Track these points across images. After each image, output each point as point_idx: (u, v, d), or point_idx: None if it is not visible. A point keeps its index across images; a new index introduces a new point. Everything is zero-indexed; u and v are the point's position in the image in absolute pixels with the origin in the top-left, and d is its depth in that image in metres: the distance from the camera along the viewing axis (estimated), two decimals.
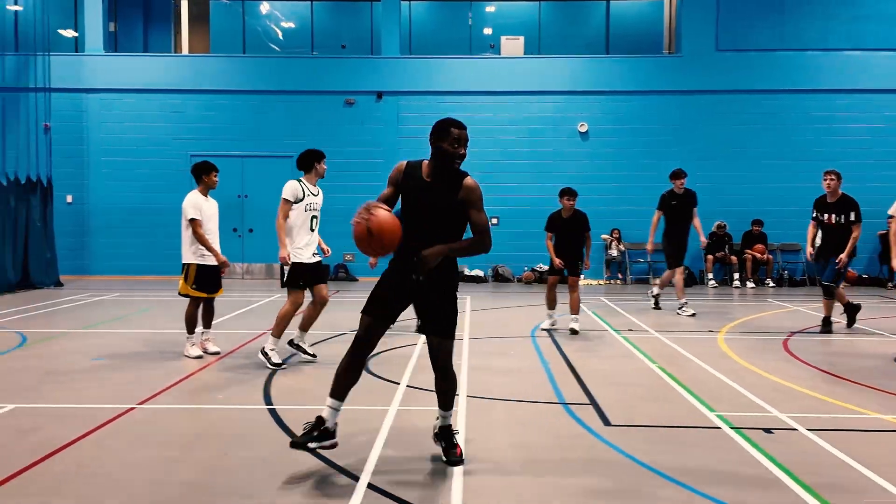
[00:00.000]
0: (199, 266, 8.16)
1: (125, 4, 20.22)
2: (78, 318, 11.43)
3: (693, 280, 17.19)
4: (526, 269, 17.86)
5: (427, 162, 4.76)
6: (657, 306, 12.63)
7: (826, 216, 10.01)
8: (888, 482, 4.51)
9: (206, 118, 18.28)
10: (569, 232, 10.04)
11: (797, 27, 17.49)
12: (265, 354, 7.74)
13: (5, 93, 17.22)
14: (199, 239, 8.05)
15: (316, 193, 7.90)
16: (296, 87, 18.23)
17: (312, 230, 7.85)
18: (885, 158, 17.36)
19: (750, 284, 17.11)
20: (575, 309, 10.06)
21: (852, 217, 9.84)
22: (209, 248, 8.08)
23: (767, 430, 5.57)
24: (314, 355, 8.07)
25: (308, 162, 7.82)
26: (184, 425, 5.83)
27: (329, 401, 4.68)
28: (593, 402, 6.37)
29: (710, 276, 17.17)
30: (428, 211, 4.66)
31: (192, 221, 8.04)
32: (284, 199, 7.64)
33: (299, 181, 7.78)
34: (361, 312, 4.73)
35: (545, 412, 6.15)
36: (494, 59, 18.35)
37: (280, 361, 7.73)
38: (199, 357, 8.20)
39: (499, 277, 17.77)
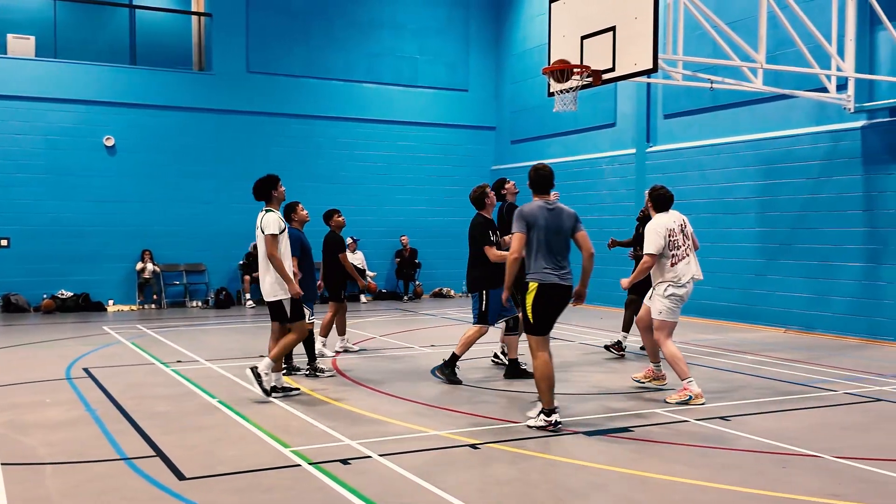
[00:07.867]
0: None
1: None
2: None
3: (231, 301, 17.03)
4: (45, 296, 15.88)
5: None
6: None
7: None
8: None
9: None
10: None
11: (323, 57, 18.41)
12: (278, 389, 7.65)
13: None
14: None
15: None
16: None
17: None
18: (400, 183, 19.13)
19: None
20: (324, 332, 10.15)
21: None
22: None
23: (344, 462, 5.61)
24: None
25: (265, 191, 7.56)
26: None
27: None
28: (160, 454, 5.79)
29: (248, 296, 17.14)
30: None
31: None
32: (271, 234, 7.34)
33: (269, 211, 7.49)
34: None
35: (107, 473, 5.40)
36: (1, 59, 16.04)
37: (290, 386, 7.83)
38: None
39: (11, 307, 15.53)
